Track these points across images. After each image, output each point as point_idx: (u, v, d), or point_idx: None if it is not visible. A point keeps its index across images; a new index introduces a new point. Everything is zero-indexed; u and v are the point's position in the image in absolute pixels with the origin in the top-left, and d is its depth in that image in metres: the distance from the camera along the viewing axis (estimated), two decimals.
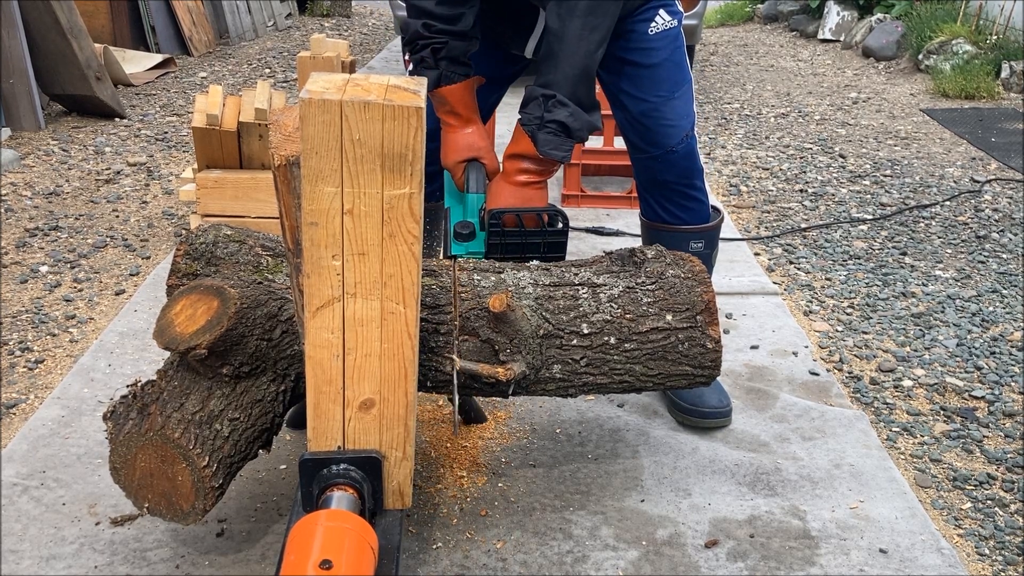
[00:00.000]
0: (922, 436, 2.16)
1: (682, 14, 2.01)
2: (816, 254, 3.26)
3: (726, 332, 2.56)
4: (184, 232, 3.18)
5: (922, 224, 3.57)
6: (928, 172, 4.24)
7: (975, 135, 4.88)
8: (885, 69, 6.76)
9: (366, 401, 1.36)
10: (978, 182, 4.06)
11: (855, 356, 2.53)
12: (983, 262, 3.19)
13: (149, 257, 3.07)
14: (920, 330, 2.68)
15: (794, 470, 1.95)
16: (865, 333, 2.66)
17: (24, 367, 2.35)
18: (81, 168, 4.01)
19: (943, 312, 2.79)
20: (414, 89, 1.22)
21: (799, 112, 5.51)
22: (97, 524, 1.72)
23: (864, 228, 3.52)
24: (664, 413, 2.15)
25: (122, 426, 1.44)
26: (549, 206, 1.83)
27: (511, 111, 2.08)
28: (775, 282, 2.98)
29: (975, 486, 1.97)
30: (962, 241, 3.39)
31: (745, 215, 3.68)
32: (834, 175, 4.21)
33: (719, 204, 3.58)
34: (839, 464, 1.98)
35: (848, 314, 2.79)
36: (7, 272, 2.90)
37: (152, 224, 3.37)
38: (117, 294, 2.79)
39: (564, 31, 1.72)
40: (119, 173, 3.96)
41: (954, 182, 4.09)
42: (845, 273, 3.09)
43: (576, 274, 1.67)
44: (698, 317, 1.63)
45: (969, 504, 1.92)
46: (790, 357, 2.45)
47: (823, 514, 1.81)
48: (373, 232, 1.25)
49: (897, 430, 2.18)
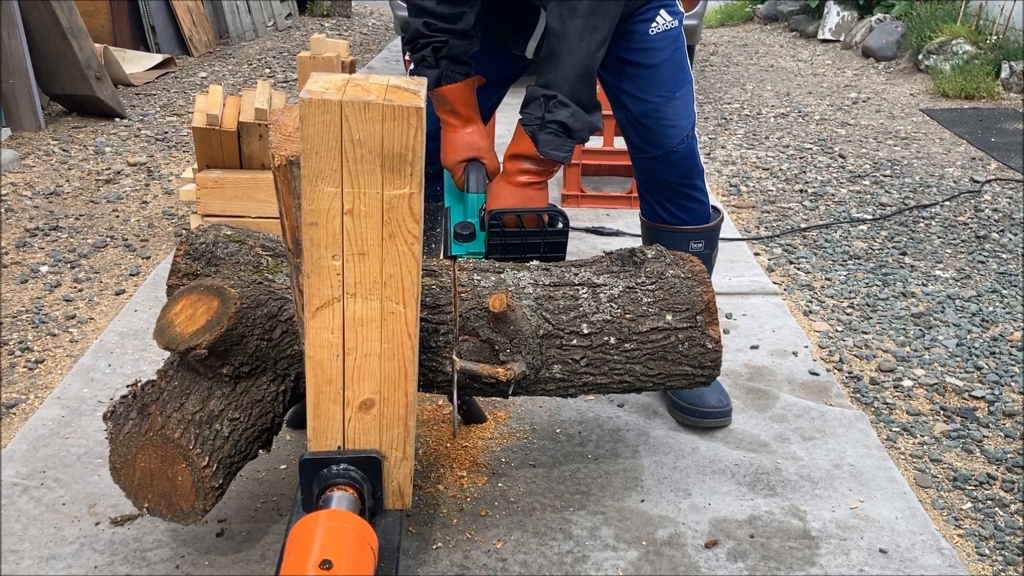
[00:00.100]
0: (922, 436, 2.16)
1: (683, 14, 2.02)
2: (816, 254, 3.26)
3: (726, 332, 2.56)
4: (184, 232, 3.18)
5: (922, 224, 3.57)
6: (928, 172, 4.24)
7: (975, 135, 4.88)
8: (885, 69, 6.76)
9: (366, 401, 1.36)
10: (978, 182, 4.06)
11: (855, 356, 2.53)
12: (983, 262, 3.19)
13: (149, 257, 3.07)
14: (920, 330, 2.68)
15: (794, 470, 1.95)
16: (865, 333, 2.66)
17: (24, 367, 2.35)
18: (81, 168, 4.01)
19: (943, 312, 2.79)
20: (414, 89, 1.22)
21: (799, 112, 5.51)
22: (97, 524, 1.72)
23: (864, 228, 3.53)
24: (664, 413, 2.15)
25: (122, 426, 1.44)
26: (549, 206, 1.83)
27: (511, 111, 2.08)
28: (775, 282, 2.98)
29: (975, 486, 1.97)
30: (962, 241, 3.39)
31: (745, 215, 3.68)
32: (834, 175, 4.21)
33: (719, 204, 3.58)
34: (839, 464, 1.98)
35: (848, 314, 2.79)
36: (7, 272, 2.90)
37: (152, 224, 3.37)
38: (117, 294, 2.79)
39: (565, 31, 1.72)
40: (119, 173, 3.96)
41: (954, 182, 4.09)
42: (845, 273, 3.09)
43: (576, 274, 1.67)
44: (698, 317, 1.63)
45: (969, 504, 1.92)
46: (790, 357, 2.45)
47: (823, 514, 1.81)
48: (373, 232, 1.25)
49: (897, 430, 2.18)
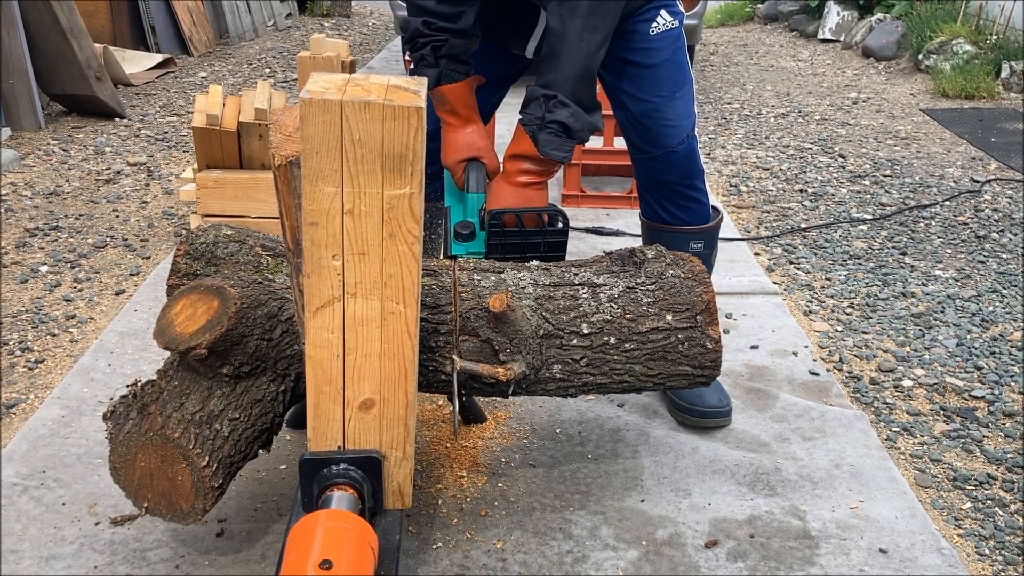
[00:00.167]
0: (922, 436, 2.16)
1: (683, 14, 2.01)
2: (816, 254, 3.26)
3: (726, 332, 2.56)
4: (184, 232, 3.18)
5: (922, 224, 3.57)
6: (928, 172, 4.24)
7: (975, 135, 4.88)
8: (885, 69, 6.76)
9: (366, 401, 1.36)
10: (978, 182, 4.06)
11: (855, 356, 2.53)
12: (983, 262, 3.19)
13: (149, 257, 3.07)
14: (920, 330, 2.68)
15: (794, 470, 1.95)
16: (865, 333, 2.66)
17: (24, 367, 2.35)
18: (81, 168, 4.01)
19: (943, 312, 2.79)
20: (414, 89, 1.22)
21: (799, 112, 5.51)
22: (97, 524, 1.72)
23: (864, 228, 3.52)
24: (664, 413, 2.15)
25: (122, 426, 1.44)
26: (549, 206, 1.83)
27: (511, 111, 2.08)
28: (775, 282, 2.98)
29: (975, 486, 1.97)
30: (962, 241, 3.39)
31: (745, 215, 3.68)
32: (834, 175, 4.21)
33: (719, 204, 3.58)
34: (839, 464, 1.98)
35: (848, 314, 2.79)
36: (7, 272, 2.90)
37: (152, 224, 3.37)
38: (117, 294, 2.79)
39: (565, 31, 1.72)
40: (119, 173, 3.96)
41: (954, 182, 4.09)
42: (845, 273, 3.09)
43: (576, 274, 1.67)
44: (698, 317, 1.63)
45: (969, 504, 1.92)
46: (790, 357, 2.45)
47: (823, 514, 1.81)
48: (373, 232, 1.25)
49: (897, 430, 2.18)
